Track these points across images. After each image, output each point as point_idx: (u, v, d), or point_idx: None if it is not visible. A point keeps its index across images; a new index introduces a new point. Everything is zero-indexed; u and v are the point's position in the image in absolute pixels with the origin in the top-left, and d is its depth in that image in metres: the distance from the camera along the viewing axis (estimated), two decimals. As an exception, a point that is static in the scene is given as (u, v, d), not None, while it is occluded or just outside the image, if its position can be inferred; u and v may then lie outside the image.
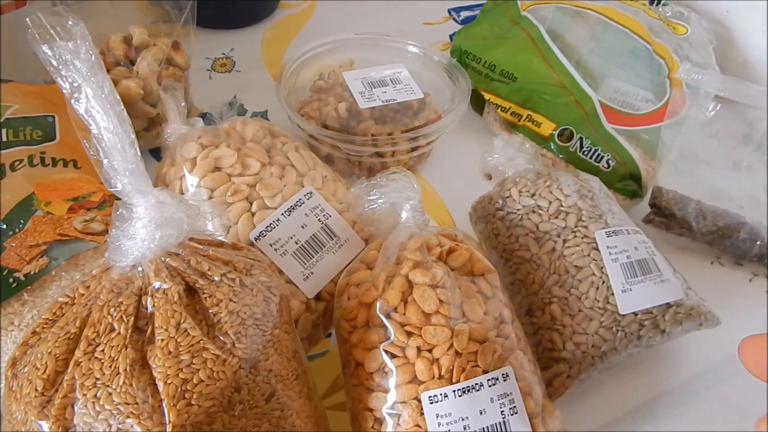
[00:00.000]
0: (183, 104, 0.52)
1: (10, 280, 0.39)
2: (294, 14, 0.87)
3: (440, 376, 0.39)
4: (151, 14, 0.58)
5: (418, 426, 0.38)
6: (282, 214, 0.46)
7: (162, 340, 0.31)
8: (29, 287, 0.40)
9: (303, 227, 0.46)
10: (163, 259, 0.34)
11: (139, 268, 0.34)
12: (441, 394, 0.38)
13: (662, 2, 0.82)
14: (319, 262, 0.46)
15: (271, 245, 0.45)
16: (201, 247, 0.36)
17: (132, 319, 0.32)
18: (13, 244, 0.40)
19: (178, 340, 0.31)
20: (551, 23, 0.74)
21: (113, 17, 0.57)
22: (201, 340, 0.31)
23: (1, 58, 0.54)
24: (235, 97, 0.70)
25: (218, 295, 0.33)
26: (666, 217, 0.65)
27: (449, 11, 0.92)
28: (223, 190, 0.46)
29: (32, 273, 0.40)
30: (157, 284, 0.33)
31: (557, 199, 0.52)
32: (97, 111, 0.31)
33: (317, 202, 0.47)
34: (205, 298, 0.33)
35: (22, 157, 0.44)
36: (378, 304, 0.40)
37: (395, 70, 0.65)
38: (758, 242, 0.63)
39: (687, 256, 0.64)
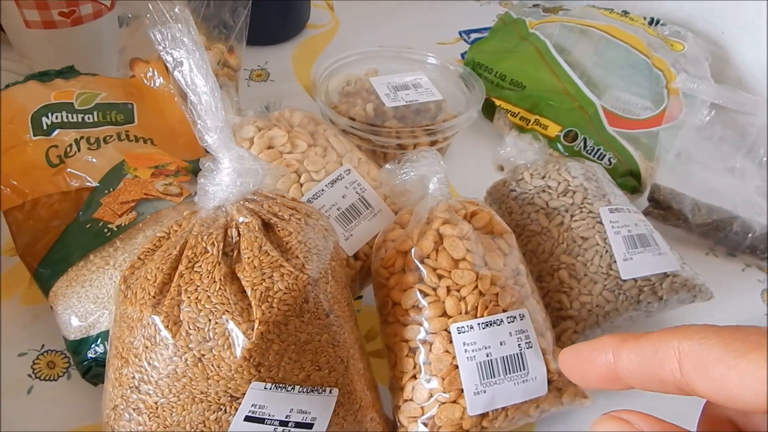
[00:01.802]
0: (236, 98, 0.62)
1: (105, 230, 0.49)
2: (319, 34, 0.98)
3: (467, 312, 0.47)
4: (210, 25, 0.68)
5: (447, 352, 0.46)
6: (325, 185, 0.55)
7: (248, 257, 0.40)
8: (120, 236, 0.49)
9: (343, 197, 0.55)
10: (242, 202, 0.43)
11: (223, 209, 0.43)
12: (467, 326, 0.46)
13: (660, 22, 0.91)
14: (357, 227, 0.55)
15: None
16: (271, 195, 0.45)
17: (221, 244, 0.41)
18: (108, 201, 0.50)
19: (261, 258, 0.40)
20: (557, 39, 0.83)
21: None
22: (278, 259, 0.40)
23: (87, 58, 0.65)
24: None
25: (289, 228, 0.42)
26: (663, 210, 0.72)
27: (460, 33, 1.03)
28: (276, 164, 0.55)
29: (123, 225, 0.49)
30: (241, 219, 0.42)
31: (565, 180, 0.60)
32: (199, 78, 0.41)
33: (355, 177, 0.56)
34: (279, 230, 0.42)
35: (111, 134, 0.54)
36: (413, 250, 0.48)
37: (416, 76, 0.75)
38: (750, 234, 0.70)
39: (683, 247, 0.70)
